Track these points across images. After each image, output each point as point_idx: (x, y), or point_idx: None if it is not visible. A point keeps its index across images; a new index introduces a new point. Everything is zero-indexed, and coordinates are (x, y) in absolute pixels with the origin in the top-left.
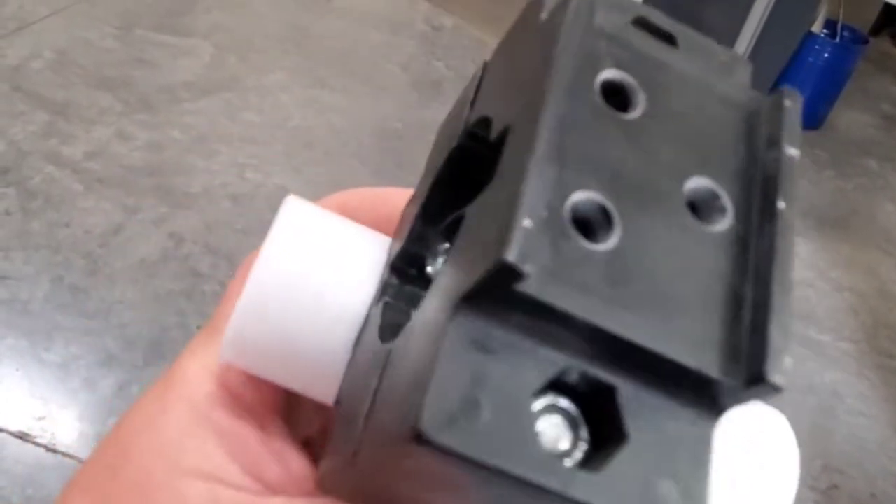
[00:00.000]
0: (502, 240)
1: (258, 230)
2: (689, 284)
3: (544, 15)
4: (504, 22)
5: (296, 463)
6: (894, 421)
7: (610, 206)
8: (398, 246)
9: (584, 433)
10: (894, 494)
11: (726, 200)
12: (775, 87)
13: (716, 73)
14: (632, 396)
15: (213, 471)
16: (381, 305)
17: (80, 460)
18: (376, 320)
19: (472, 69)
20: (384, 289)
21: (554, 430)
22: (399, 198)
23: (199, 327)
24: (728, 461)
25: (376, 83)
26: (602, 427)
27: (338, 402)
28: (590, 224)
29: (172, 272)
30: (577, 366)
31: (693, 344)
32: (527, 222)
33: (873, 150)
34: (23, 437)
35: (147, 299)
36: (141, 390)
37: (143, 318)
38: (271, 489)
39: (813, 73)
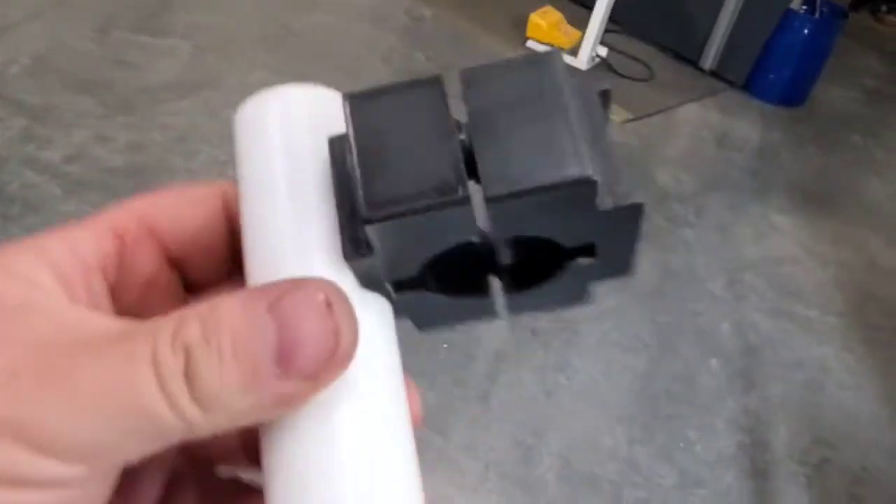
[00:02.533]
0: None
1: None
2: None
3: None
4: (481, 10)
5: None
6: (883, 393)
7: None
8: None
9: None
10: (885, 466)
11: None
12: (757, 66)
13: None
14: None
15: (40, 282)
16: None
17: None
18: None
19: (450, 59)
20: None
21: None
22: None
23: None
24: None
25: (359, 77)
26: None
27: None
28: None
29: None
30: None
31: None
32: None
33: (857, 125)
34: None
35: None
36: None
37: None
38: None
39: (793, 51)
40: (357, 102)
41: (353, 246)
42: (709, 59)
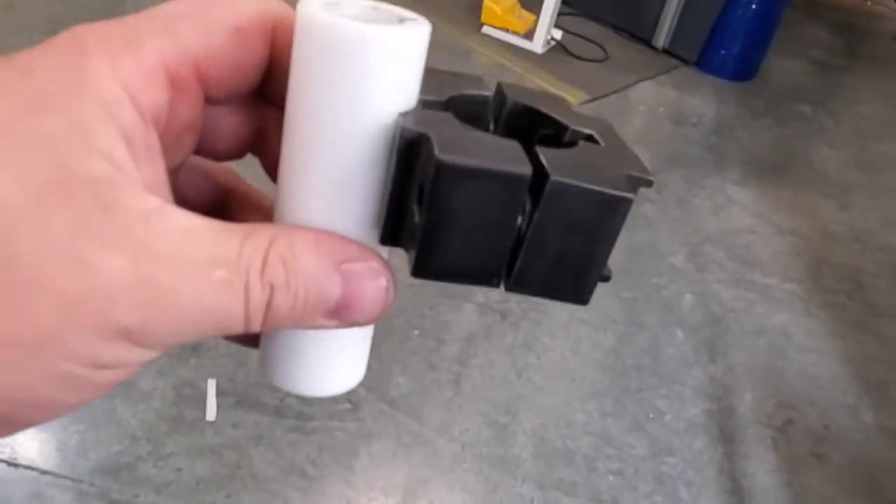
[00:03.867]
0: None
1: None
2: None
3: None
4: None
5: (163, 175)
6: (843, 355)
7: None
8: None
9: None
10: (846, 424)
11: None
12: (708, 42)
13: None
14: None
15: (116, 159)
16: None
17: (42, 471)
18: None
19: None
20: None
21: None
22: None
23: None
24: None
25: None
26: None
27: None
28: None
29: None
30: None
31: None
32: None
33: (806, 95)
34: None
35: None
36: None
37: None
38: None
39: (743, 25)
40: (447, 173)
41: (390, 239)
42: (661, 38)
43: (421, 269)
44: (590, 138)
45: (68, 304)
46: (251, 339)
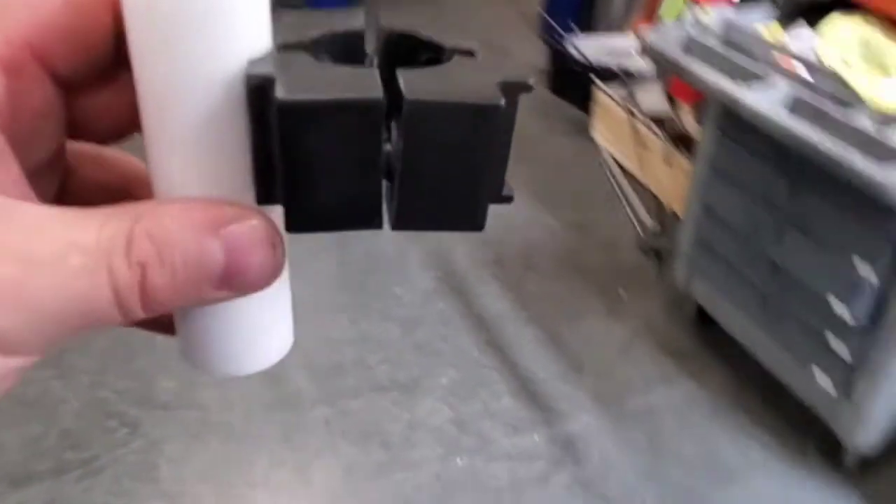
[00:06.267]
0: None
1: None
2: None
3: None
4: None
5: (16, 173)
6: (529, 192)
7: None
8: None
9: None
10: (544, 240)
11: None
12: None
13: None
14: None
15: None
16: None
17: None
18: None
19: None
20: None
21: None
22: None
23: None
24: None
25: None
26: None
27: None
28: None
29: None
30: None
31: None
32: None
33: None
34: None
35: None
36: None
37: None
38: None
39: None
40: (291, 114)
41: (266, 198)
42: None
43: (294, 224)
44: (468, 53)
45: None
46: (165, 326)
